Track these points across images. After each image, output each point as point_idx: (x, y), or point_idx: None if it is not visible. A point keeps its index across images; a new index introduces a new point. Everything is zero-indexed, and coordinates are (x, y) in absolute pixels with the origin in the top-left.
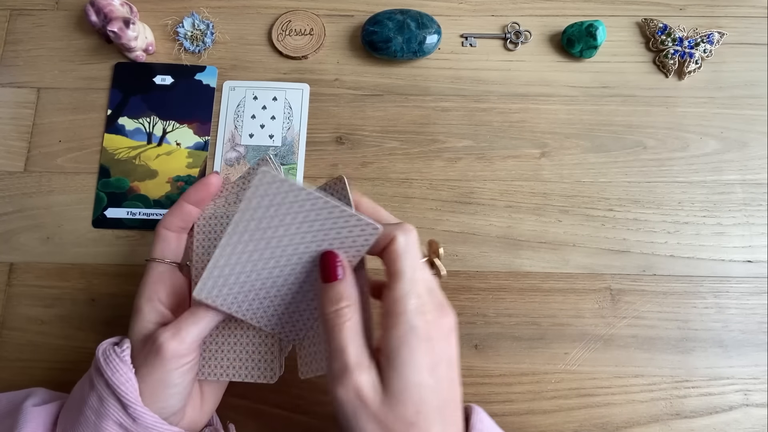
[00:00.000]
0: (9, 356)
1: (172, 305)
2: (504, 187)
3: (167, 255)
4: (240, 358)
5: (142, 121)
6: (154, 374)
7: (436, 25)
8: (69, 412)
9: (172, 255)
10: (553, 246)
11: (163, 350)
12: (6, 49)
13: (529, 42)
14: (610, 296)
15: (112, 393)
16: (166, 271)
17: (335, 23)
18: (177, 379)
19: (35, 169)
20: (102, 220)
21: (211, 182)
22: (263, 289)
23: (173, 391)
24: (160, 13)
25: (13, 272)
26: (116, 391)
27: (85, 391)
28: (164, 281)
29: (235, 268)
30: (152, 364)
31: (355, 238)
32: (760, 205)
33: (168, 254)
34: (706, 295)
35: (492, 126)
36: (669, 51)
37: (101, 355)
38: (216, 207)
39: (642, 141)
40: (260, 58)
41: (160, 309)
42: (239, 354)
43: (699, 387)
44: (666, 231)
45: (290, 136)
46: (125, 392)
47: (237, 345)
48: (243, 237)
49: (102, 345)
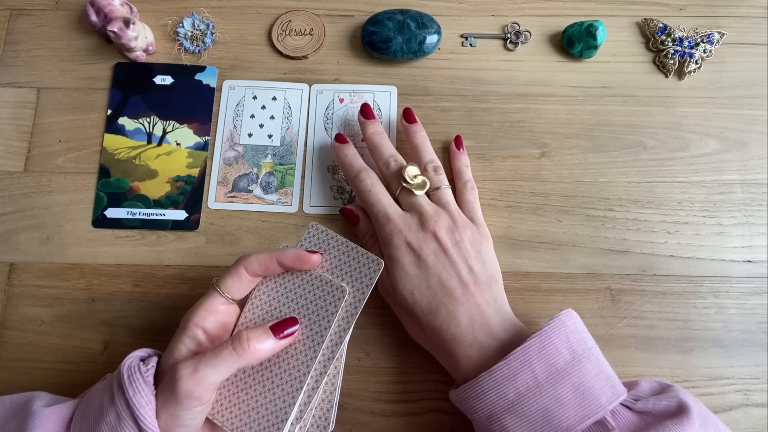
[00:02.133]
0: (9, 356)
1: (214, 337)
2: (504, 187)
3: (233, 292)
4: (251, 415)
5: (142, 121)
6: (168, 407)
7: (436, 25)
8: (85, 421)
9: (237, 293)
10: (553, 246)
11: (178, 388)
12: (6, 49)
13: (529, 42)
14: (610, 296)
15: (131, 414)
16: (223, 305)
17: (335, 23)
18: (188, 419)
19: (35, 169)
20: (102, 220)
21: (313, 261)
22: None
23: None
24: (160, 13)
25: (13, 272)
26: (135, 414)
27: (105, 403)
28: (217, 314)
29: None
30: (168, 396)
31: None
32: (760, 205)
33: (233, 292)
34: (706, 295)
35: (492, 126)
36: (669, 51)
37: (126, 371)
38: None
39: (642, 141)
40: (260, 58)
41: (200, 338)
42: (252, 410)
43: (699, 387)
44: (666, 231)
45: (289, 136)
46: (143, 417)
47: (252, 400)
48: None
49: (129, 359)
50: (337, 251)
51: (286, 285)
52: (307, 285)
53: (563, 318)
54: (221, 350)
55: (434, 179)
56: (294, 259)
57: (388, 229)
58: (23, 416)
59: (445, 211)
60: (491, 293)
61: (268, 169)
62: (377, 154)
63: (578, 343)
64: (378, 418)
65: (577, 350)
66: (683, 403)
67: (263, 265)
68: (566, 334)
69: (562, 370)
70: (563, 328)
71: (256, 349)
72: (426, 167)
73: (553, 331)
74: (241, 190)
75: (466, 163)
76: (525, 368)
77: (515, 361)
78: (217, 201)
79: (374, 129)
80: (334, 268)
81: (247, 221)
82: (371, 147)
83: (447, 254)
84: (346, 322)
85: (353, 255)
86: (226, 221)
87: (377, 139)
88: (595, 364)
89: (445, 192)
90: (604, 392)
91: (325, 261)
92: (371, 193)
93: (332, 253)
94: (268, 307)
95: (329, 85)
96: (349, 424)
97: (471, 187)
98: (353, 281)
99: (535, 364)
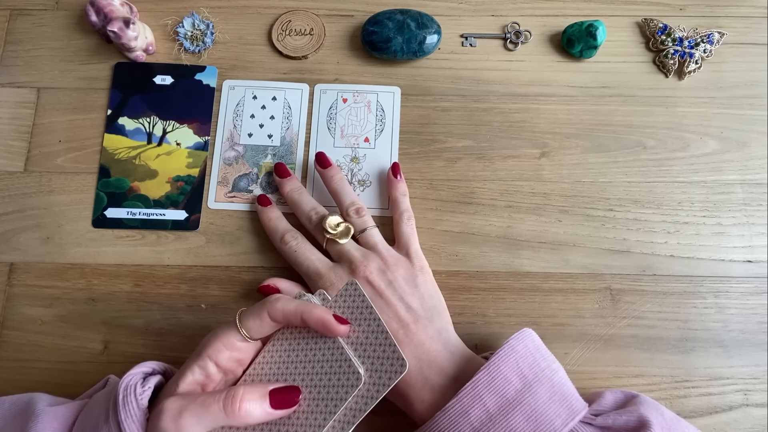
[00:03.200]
0: (9, 356)
1: (227, 370)
2: (504, 187)
3: (252, 332)
4: None
5: (142, 121)
6: None
7: (436, 25)
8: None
9: (257, 334)
10: (553, 246)
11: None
12: (6, 49)
13: (529, 42)
14: (610, 296)
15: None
16: (241, 342)
17: (335, 23)
18: None
19: (35, 169)
20: (102, 220)
21: (339, 332)
22: None
23: None
24: (160, 13)
25: (13, 272)
26: None
27: (100, 420)
28: (233, 349)
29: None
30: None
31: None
32: (760, 205)
33: (253, 332)
34: (706, 295)
35: (492, 126)
36: (669, 51)
37: (122, 391)
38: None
39: (642, 141)
40: (260, 58)
41: (210, 370)
42: None
43: (699, 387)
44: (666, 231)
45: (289, 136)
46: None
47: None
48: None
49: (129, 376)
50: (368, 326)
51: (304, 346)
52: (326, 353)
53: (512, 343)
54: (211, 402)
55: (357, 222)
56: (319, 325)
57: (320, 285)
58: (26, 416)
59: (373, 253)
60: (434, 327)
61: (268, 169)
62: (298, 210)
63: (529, 368)
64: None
65: (528, 375)
66: (644, 418)
67: (287, 317)
68: (516, 361)
69: (513, 400)
70: (513, 354)
71: (247, 413)
72: (348, 211)
73: (501, 360)
74: (242, 190)
75: (404, 192)
76: (476, 403)
77: (466, 397)
78: (217, 201)
79: (291, 186)
80: (359, 344)
81: (247, 221)
82: (291, 205)
83: (382, 297)
84: (353, 413)
85: (381, 341)
86: (226, 221)
87: (296, 196)
88: (548, 387)
89: (372, 233)
90: (558, 415)
91: (353, 331)
92: (297, 253)
93: (362, 325)
94: (280, 364)
95: (333, 85)
96: None
97: (407, 218)
98: (372, 370)
99: (485, 398)
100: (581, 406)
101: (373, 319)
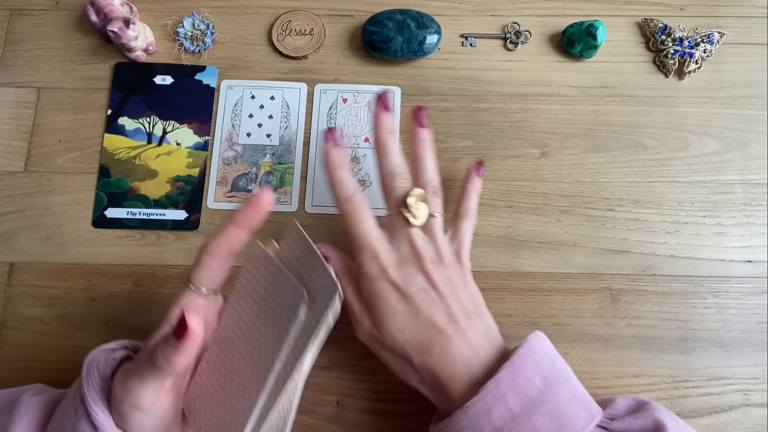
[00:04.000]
0: (9, 356)
1: None
2: (504, 187)
3: (206, 282)
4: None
5: (142, 121)
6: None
7: (436, 25)
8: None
9: (212, 283)
10: (553, 246)
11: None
12: (6, 49)
13: (529, 42)
14: (610, 296)
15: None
16: (201, 300)
17: (335, 23)
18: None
19: (35, 169)
20: (102, 220)
21: (263, 201)
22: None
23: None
24: (160, 13)
25: (13, 272)
26: (87, 408)
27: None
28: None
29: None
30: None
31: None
32: (760, 205)
33: (207, 282)
34: (706, 295)
35: (492, 126)
36: (669, 51)
37: (86, 365)
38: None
39: (642, 141)
40: (260, 58)
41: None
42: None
43: (699, 387)
44: (666, 231)
45: (288, 136)
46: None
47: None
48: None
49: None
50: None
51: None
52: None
53: (531, 343)
54: (141, 359)
55: (430, 204)
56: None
57: (373, 264)
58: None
59: (433, 243)
60: (483, 324)
61: (267, 168)
62: (384, 159)
63: (549, 368)
64: (379, 418)
65: (549, 376)
66: (660, 422)
67: (221, 238)
68: (536, 360)
69: (536, 399)
70: (533, 355)
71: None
72: (425, 186)
73: (523, 359)
74: (241, 189)
75: (478, 191)
76: (499, 402)
77: (488, 396)
78: (217, 201)
79: (388, 124)
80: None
81: None
82: (380, 147)
83: (436, 289)
84: (302, 340)
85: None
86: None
87: (389, 141)
88: (567, 388)
89: (437, 222)
90: (579, 417)
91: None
92: (361, 225)
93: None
94: (232, 320)
95: (333, 85)
96: (349, 424)
97: (472, 217)
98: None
99: (508, 397)
100: (597, 409)
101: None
